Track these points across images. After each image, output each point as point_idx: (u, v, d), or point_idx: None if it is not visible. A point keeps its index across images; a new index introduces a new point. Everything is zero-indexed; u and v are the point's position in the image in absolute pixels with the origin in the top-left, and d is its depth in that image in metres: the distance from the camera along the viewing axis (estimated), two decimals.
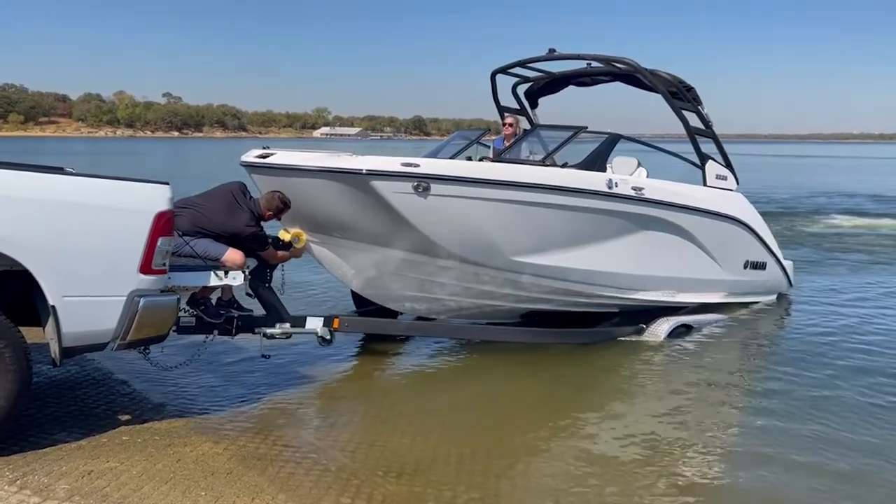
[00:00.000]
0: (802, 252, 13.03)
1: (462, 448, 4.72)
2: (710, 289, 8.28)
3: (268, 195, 5.74)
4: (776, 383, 6.25)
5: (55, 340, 4.10)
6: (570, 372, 6.57)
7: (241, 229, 5.51)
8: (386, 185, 5.78)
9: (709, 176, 8.28)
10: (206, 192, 5.77)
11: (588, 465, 4.57)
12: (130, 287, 4.25)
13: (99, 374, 5.73)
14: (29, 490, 3.70)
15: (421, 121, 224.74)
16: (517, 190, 6.26)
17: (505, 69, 8.73)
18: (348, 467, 4.30)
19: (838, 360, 6.83)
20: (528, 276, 6.74)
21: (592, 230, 6.89)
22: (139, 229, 4.24)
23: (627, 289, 7.47)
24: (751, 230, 8.42)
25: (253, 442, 4.56)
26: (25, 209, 3.94)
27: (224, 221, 5.48)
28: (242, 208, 5.59)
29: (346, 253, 6.36)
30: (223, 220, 5.48)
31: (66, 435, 4.43)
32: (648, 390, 6.18)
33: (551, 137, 7.55)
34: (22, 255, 3.92)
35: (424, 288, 6.61)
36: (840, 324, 8.23)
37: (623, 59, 7.89)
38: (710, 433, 5.19)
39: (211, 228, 5.44)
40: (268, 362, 6.03)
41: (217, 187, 5.80)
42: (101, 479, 3.88)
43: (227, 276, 5.35)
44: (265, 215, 5.73)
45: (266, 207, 5.70)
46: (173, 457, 4.24)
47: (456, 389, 6.07)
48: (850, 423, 5.32)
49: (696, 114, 8.22)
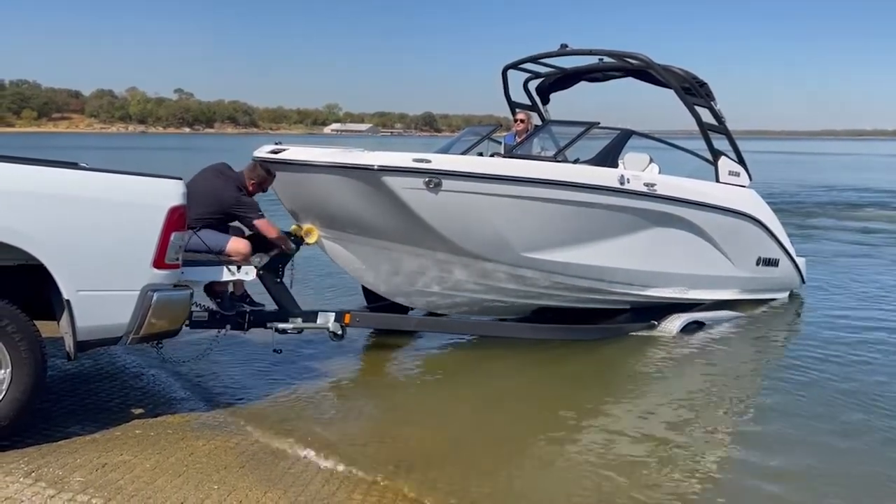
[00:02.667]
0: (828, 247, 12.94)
1: (473, 443, 4.73)
2: (722, 285, 8.24)
3: (250, 164, 5.79)
4: (787, 383, 6.19)
5: (69, 334, 4.12)
6: (580, 368, 6.56)
7: (228, 200, 5.54)
8: (397, 180, 5.78)
9: (721, 172, 8.23)
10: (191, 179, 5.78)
11: (599, 460, 4.56)
12: (144, 281, 4.27)
13: (112, 368, 5.77)
14: (44, 482, 3.73)
15: (431, 117, 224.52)
16: (529, 186, 6.25)
17: (516, 65, 8.71)
18: (360, 462, 4.30)
19: (851, 360, 6.76)
20: (539, 272, 6.72)
21: (604, 226, 6.87)
22: (152, 224, 4.26)
23: (639, 285, 7.45)
24: (763, 227, 8.37)
25: (265, 436, 4.58)
26: (40, 204, 3.96)
27: (213, 198, 5.50)
28: (227, 178, 5.65)
29: (358, 248, 6.36)
30: (212, 197, 5.50)
31: (80, 428, 4.46)
32: (659, 388, 6.16)
33: (563, 133, 7.53)
34: (37, 249, 3.94)
35: (435, 284, 6.61)
36: (854, 322, 8.17)
37: (635, 55, 7.85)
38: (720, 432, 5.17)
39: (204, 213, 5.41)
40: (279, 357, 6.06)
41: (199, 171, 5.84)
42: (115, 472, 3.90)
43: (240, 271, 5.37)
44: (249, 186, 5.74)
45: (249, 177, 5.73)
46: (186, 450, 4.26)
47: (466, 385, 6.07)
48: (862, 425, 5.26)
49: (709, 110, 8.17)
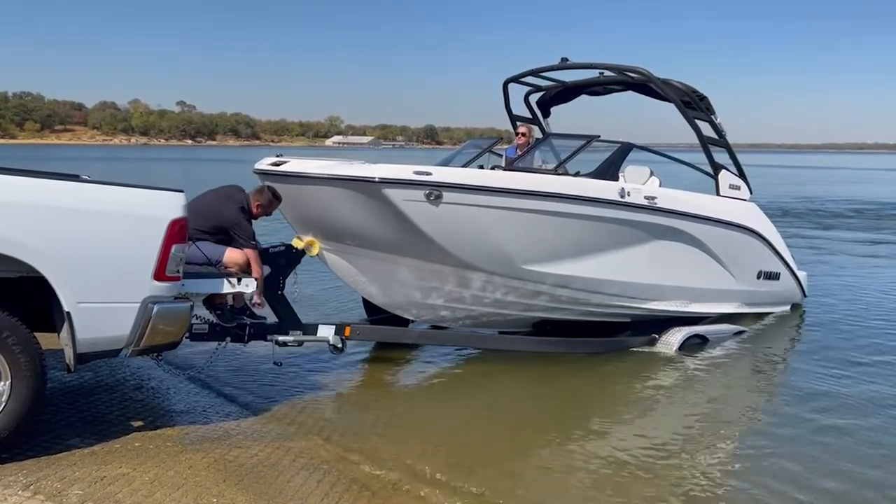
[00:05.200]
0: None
1: (474, 456, 4.71)
2: (722, 299, 8.23)
3: (258, 188, 5.79)
4: (787, 397, 6.19)
5: (70, 346, 4.12)
6: (581, 381, 6.54)
7: (227, 219, 5.54)
8: (398, 192, 5.79)
9: (722, 185, 8.25)
10: (202, 194, 5.83)
11: (600, 473, 4.55)
12: (144, 294, 4.27)
13: (112, 380, 5.76)
14: (42, 495, 3.72)
15: (433, 130, 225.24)
16: (529, 198, 6.26)
17: (517, 78, 8.74)
18: (360, 477, 4.29)
19: (852, 374, 6.74)
20: (540, 284, 6.72)
21: (604, 239, 6.87)
22: (153, 236, 4.26)
23: (639, 298, 7.44)
24: (764, 240, 8.37)
25: (265, 450, 4.56)
26: (41, 216, 3.97)
27: (213, 215, 5.53)
28: (232, 200, 5.64)
29: (359, 261, 6.36)
30: (212, 214, 5.53)
31: (79, 440, 4.45)
32: (659, 401, 6.14)
33: (564, 146, 7.54)
34: (38, 261, 3.95)
35: (435, 296, 6.61)
36: (856, 336, 8.14)
37: (635, 69, 7.88)
38: (719, 446, 5.15)
39: (203, 226, 5.43)
40: (280, 370, 6.06)
41: (211, 189, 5.88)
42: (114, 485, 3.89)
43: (240, 284, 5.38)
44: (255, 208, 5.73)
45: (255, 200, 5.72)
46: (185, 463, 4.25)
47: (467, 398, 6.06)
48: (861, 442, 5.21)
49: (710, 123, 8.19)
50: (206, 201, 5.67)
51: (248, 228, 5.64)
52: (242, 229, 5.59)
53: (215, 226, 5.52)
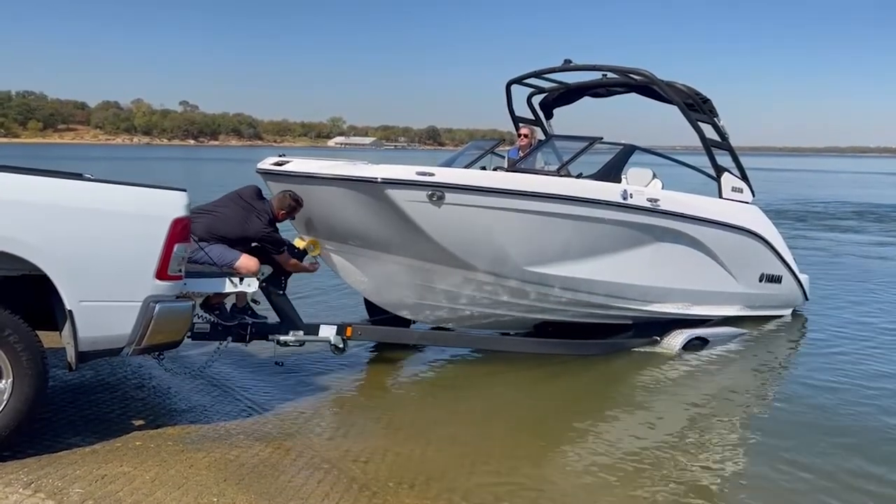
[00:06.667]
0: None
1: (475, 458, 4.70)
2: (725, 302, 8.22)
3: (279, 195, 5.78)
4: (788, 402, 6.18)
5: (71, 345, 4.13)
6: (582, 383, 6.55)
7: (255, 234, 5.57)
8: (400, 193, 5.80)
9: (724, 188, 8.24)
10: (220, 198, 5.83)
11: (600, 475, 4.54)
12: (146, 293, 4.27)
13: (113, 379, 5.77)
14: (43, 493, 3.72)
15: (435, 131, 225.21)
16: (531, 200, 6.26)
17: (520, 80, 8.74)
18: (361, 477, 4.29)
19: (854, 379, 6.73)
20: (541, 286, 6.72)
21: (606, 241, 6.87)
22: (156, 235, 4.27)
23: (641, 300, 7.43)
24: (766, 243, 8.36)
25: (266, 450, 4.56)
26: (44, 214, 3.97)
27: (239, 227, 5.53)
28: (257, 212, 5.64)
29: (361, 261, 6.37)
30: (238, 225, 5.53)
31: (80, 439, 4.45)
32: (660, 403, 6.13)
33: (566, 148, 7.54)
34: (40, 259, 3.95)
35: (437, 296, 6.61)
36: (857, 340, 8.13)
37: (639, 71, 7.88)
38: (719, 447, 5.14)
39: (226, 234, 5.48)
40: (281, 370, 6.06)
41: (231, 193, 5.85)
42: (115, 484, 3.89)
43: (242, 283, 5.38)
44: (278, 215, 5.76)
45: (279, 207, 5.74)
46: (186, 462, 4.25)
47: (469, 399, 6.05)
48: (862, 444, 5.21)
49: (712, 125, 8.19)
50: (229, 210, 5.64)
51: (277, 238, 5.75)
52: (273, 240, 5.70)
53: (238, 236, 5.54)
